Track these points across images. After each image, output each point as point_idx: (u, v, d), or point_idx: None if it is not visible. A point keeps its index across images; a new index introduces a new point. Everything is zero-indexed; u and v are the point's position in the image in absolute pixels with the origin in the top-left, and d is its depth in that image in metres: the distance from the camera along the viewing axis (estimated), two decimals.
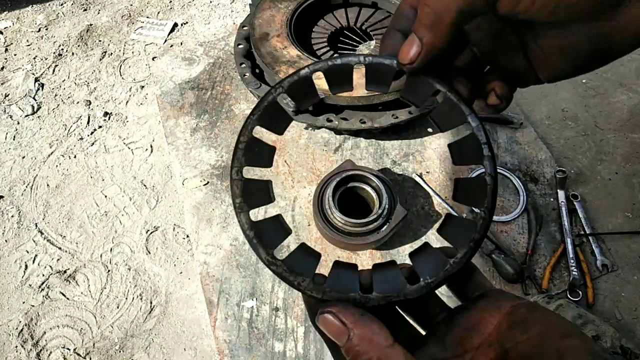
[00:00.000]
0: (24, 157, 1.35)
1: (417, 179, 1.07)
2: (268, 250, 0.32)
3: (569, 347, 0.25)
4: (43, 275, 1.12)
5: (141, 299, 1.06)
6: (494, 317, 0.29)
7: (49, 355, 1.01)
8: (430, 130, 1.17)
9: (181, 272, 1.09)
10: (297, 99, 0.35)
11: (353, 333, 0.27)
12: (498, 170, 1.08)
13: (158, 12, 1.75)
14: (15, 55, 1.64)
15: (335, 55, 0.34)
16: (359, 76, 0.36)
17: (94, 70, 1.56)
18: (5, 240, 1.19)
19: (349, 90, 0.35)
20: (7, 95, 1.51)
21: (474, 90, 0.34)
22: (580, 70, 0.32)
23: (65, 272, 1.12)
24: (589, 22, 0.28)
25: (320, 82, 0.37)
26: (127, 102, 1.45)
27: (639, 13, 0.27)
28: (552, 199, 1.04)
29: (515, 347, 0.26)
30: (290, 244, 0.99)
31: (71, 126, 1.41)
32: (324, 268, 0.95)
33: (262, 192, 0.35)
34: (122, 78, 1.53)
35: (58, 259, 1.14)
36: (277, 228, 0.34)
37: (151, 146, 1.33)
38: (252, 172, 1.12)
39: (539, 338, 0.26)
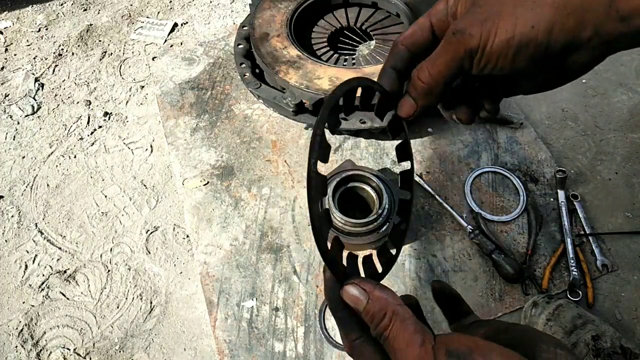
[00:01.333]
0: (24, 157, 1.35)
1: (417, 179, 1.07)
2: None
3: (542, 339, 0.30)
4: (43, 275, 1.12)
5: (141, 299, 1.06)
6: (482, 331, 0.35)
7: (49, 355, 1.01)
8: (430, 130, 1.17)
9: (181, 272, 1.09)
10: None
11: (371, 296, 0.34)
12: (499, 171, 1.08)
13: (158, 12, 1.75)
14: (15, 55, 1.64)
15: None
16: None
17: (94, 70, 1.55)
18: (5, 240, 1.19)
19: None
20: (7, 95, 1.51)
21: (472, 115, 0.43)
22: (539, 90, 0.40)
23: (65, 272, 1.12)
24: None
25: (321, 82, 0.41)
26: (127, 102, 1.45)
27: (576, 60, 0.34)
28: (552, 199, 1.04)
29: (497, 341, 0.31)
30: (291, 244, 0.99)
31: (71, 126, 1.41)
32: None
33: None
34: (122, 78, 1.53)
35: (58, 259, 1.14)
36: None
37: (151, 146, 1.33)
38: (253, 172, 1.12)
39: (518, 336, 0.31)
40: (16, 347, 1.02)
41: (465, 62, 0.35)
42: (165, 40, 1.61)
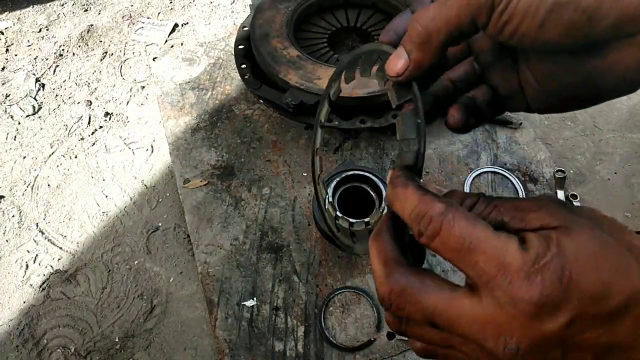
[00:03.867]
0: (24, 157, 1.35)
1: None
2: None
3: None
4: (44, 275, 1.12)
5: (142, 298, 1.07)
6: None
7: (50, 355, 1.01)
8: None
9: (182, 272, 1.09)
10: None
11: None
12: (498, 171, 1.08)
13: (158, 13, 1.75)
14: (16, 55, 1.65)
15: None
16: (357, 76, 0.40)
17: (95, 71, 1.56)
18: (6, 240, 1.19)
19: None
20: (8, 96, 1.51)
21: (464, 118, 0.37)
22: (567, 105, 0.34)
23: (66, 271, 1.12)
24: (576, 56, 0.30)
25: (321, 82, 0.42)
26: (128, 102, 1.46)
27: (625, 56, 0.28)
28: None
29: None
30: (291, 244, 0.99)
31: (72, 126, 1.41)
32: (323, 268, 0.96)
33: None
34: (123, 78, 1.53)
35: (59, 259, 1.14)
36: None
37: (152, 146, 1.33)
38: (253, 172, 1.12)
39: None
40: (17, 346, 1.03)
41: (482, 14, 0.27)
42: (166, 41, 1.62)
